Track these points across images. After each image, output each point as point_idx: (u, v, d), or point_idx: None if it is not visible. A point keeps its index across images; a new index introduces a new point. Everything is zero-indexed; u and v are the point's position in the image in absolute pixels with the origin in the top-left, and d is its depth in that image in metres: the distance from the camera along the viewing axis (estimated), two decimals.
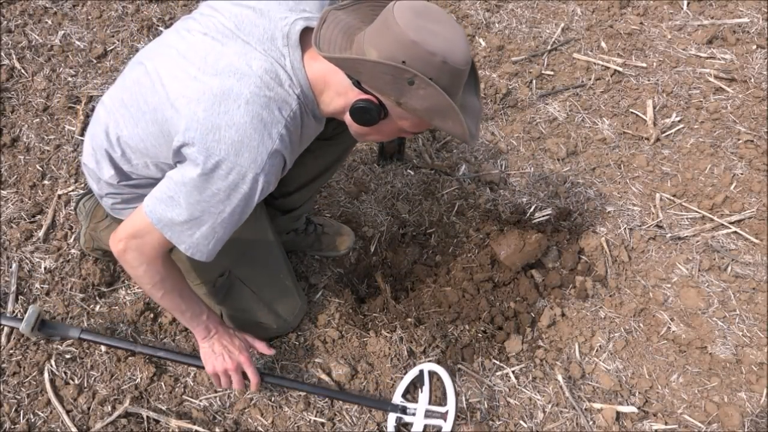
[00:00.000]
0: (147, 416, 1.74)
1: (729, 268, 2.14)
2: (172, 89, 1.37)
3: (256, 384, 1.68)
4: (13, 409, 1.73)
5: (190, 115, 1.31)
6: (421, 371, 1.81)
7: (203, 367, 1.69)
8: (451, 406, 1.75)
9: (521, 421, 1.84)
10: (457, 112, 1.30)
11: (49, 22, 2.68)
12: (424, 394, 1.76)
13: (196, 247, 1.42)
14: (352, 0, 1.39)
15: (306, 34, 1.38)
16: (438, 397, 1.82)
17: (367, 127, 1.40)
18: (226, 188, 1.33)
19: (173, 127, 1.35)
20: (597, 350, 1.97)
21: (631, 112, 2.58)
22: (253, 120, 1.30)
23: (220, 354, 1.65)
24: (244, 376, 1.68)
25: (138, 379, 1.81)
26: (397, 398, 1.79)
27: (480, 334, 1.96)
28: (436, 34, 1.25)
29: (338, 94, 1.38)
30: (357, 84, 1.33)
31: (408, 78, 1.25)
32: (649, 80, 2.67)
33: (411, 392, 1.84)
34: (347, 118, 1.41)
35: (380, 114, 1.36)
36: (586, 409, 1.86)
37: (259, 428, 1.78)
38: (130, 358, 1.84)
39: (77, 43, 2.62)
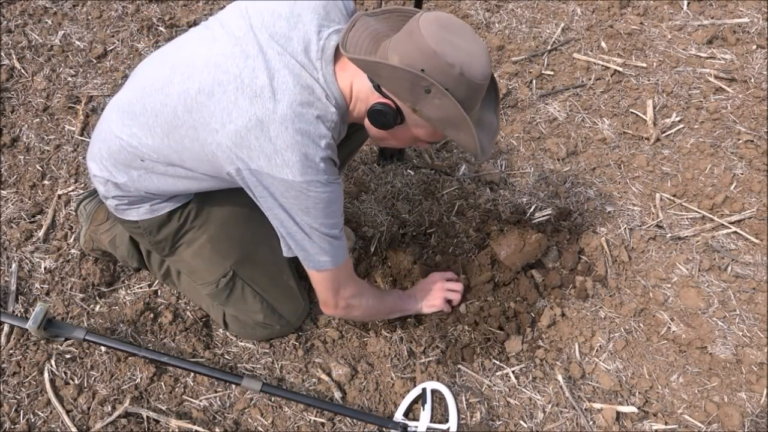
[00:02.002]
0: (147, 416, 1.74)
1: (729, 268, 2.14)
2: (211, 111, 1.37)
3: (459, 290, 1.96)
4: (13, 409, 1.73)
5: (245, 145, 1.35)
6: (424, 389, 1.80)
7: (204, 374, 1.74)
8: (453, 424, 1.75)
9: (521, 421, 1.84)
10: (470, 125, 1.33)
11: (49, 22, 2.68)
12: (426, 413, 1.76)
13: (343, 254, 1.55)
14: (383, 9, 1.44)
15: (338, 48, 1.41)
16: (440, 416, 1.81)
17: (384, 131, 1.45)
18: (318, 199, 1.40)
19: (222, 152, 1.38)
20: (597, 350, 1.97)
21: (631, 112, 2.58)
22: (303, 137, 1.34)
23: (431, 299, 1.91)
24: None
25: (138, 379, 1.81)
26: (399, 416, 1.78)
27: (480, 335, 1.96)
28: (458, 47, 1.29)
29: (360, 99, 1.42)
30: (377, 88, 1.37)
31: (425, 86, 1.29)
32: (649, 80, 2.67)
33: (413, 410, 1.83)
34: (366, 121, 1.46)
35: (396, 119, 1.40)
36: (586, 409, 1.86)
37: (259, 428, 1.78)
38: (130, 358, 1.84)
39: (77, 43, 2.63)
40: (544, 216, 2.23)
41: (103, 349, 1.85)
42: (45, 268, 2.00)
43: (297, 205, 1.41)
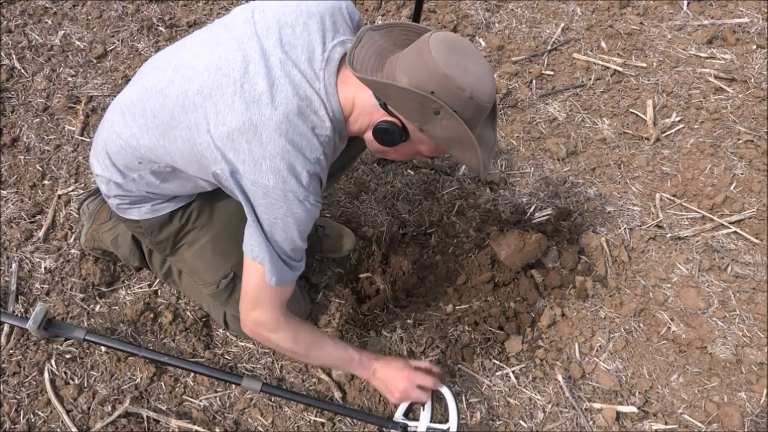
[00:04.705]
0: (147, 416, 1.74)
1: (729, 268, 2.14)
2: (206, 113, 1.37)
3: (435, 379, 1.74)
4: (13, 409, 1.74)
5: (234, 147, 1.34)
6: None
7: (204, 374, 1.74)
8: (453, 424, 1.75)
9: (521, 421, 1.84)
10: (476, 145, 1.35)
11: (49, 22, 2.69)
12: (426, 413, 1.76)
13: (287, 279, 1.48)
14: (386, 23, 1.44)
15: (341, 60, 1.41)
16: (440, 416, 1.81)
17: (387, 147, 1.45)
18: (290, 212, 1.38)
19: (210, 153, 1.37)
20: (597, 350, 1.97)
21: (631, 112, 2.58)
22: (294, 148, 1.34)
23: (390, 387, 1.68)
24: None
25: (138, 379, 1.81)
26: (399, 416, 1.78)
27: (480, 335, 1.96)
28: (467, 71, 1.30)
29: (363, 113, 1.42)
30: (383, 105, 1.37)
31: (434, 108, 1.30)
32: (649, 80, 2.67)
33: (413, 410, 1.83)
34: (368, 136, 1.46)
35: (401, 136, 1.41)
36: (586, 409, 1.86)
37: (259, 428, 1.78)
38: (130, 358, 1.84)
39: (77, 43, 2.63)
40: (544, 216, 2.23)
41: (103, 349, 1.85)
42: (45, 268, 2.00)
43: (269, 212, 1.39)
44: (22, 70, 2.50)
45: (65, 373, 1.81)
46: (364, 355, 1.68)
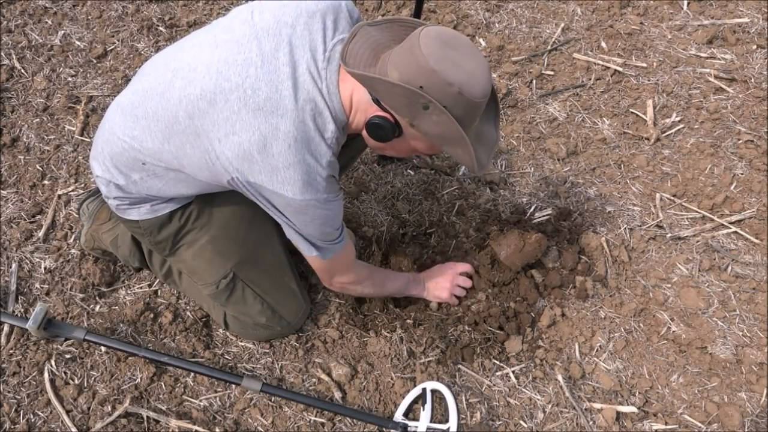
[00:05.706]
0: (147, 416, 1.74)
1: (729, 268, 2.13)
2: (214, 120, 1.37)
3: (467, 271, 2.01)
4: (13, 409, 1.73)
5: (247, 158, 1.35)
6: (424, 389, 1.80)
7: (204, 374, 1.75)
8: (453, 423, 1.75)
9: (521, 421, 1.84)
10: (467, 142, 1.35)
11: (49, 22, 2.69)
12: (426, 413, 1.76)
13: (336, 250, 1.61)
14: (385, 19, 1.44)
15: None
16: (440, 416, 1.81)
17: (382, 143, 1.46)
18: (316, 215, 1.44)
19: (222, 163, 1.39)
20: (597, 350, 1.97)
21: (631, 112, 2.58)
22: (306, 155, 1.36)
23: (438, 289, 1.95)
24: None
25: (138, 379, 1.81)
26: (399, 416, 1.78)
27: (480, 335, 1.96)
28: (458, 66, 1.29)
29: (359, 110, 1.42)
30: (376, 101, 1.37)
31: (423, 103, 1.30)
32: (649, 80, 2.67)
33: (413, 410, 1.83)
34: (364, 132, 1.46)
35: (394, 132, 1.41)
36: (586, 409, 1.86)
37: (259, 428, 1.78)
38: (130, 358, 1.84)
39: (77, 43, 2.63)
40: (544, 216, 2.23)
41: (103, 349, 1.85)
42: (45, 268, 2.00)
43: (296, 217, 1.45)
44: (22, 70, 2.50)
45: (65, 373, 1.81)
46: (411, 274, 1.97)
